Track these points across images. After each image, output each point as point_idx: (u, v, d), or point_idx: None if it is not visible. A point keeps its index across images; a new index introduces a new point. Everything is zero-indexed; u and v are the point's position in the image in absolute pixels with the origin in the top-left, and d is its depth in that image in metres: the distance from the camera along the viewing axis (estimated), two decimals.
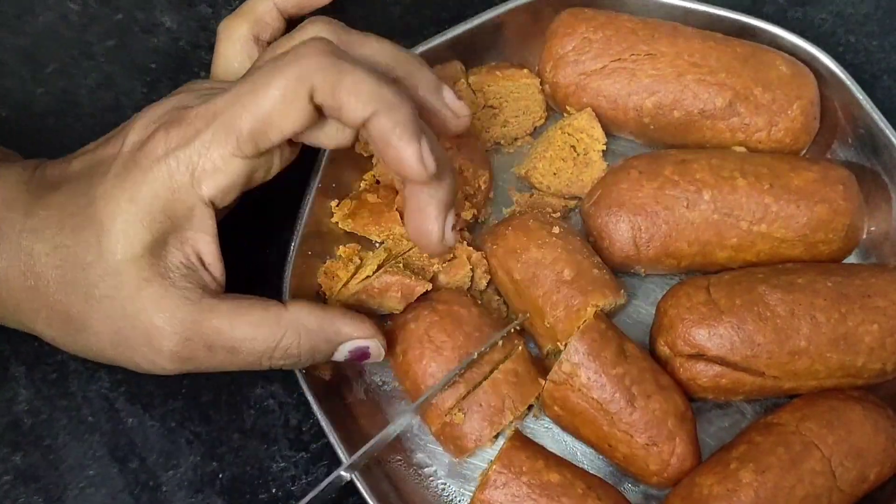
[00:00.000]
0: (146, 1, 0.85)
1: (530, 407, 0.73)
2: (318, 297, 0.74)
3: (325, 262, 0.74)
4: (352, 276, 0.73)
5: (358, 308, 0.71)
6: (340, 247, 0.75)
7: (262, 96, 0.57)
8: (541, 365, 0.73)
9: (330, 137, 0.61)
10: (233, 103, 0.58)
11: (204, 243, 0.61)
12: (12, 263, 0.61)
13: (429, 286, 0.72)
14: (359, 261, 0.74)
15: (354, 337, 0.66)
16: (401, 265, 0.72)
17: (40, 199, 0.62)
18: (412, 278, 0.71)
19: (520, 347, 0.72)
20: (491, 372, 0.71)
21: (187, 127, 0.59)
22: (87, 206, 0.60)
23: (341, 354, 0.66)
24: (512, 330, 0.73)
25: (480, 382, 0.71)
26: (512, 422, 0.71)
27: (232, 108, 0.58)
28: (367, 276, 0.71)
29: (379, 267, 0.71)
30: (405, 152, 0.58)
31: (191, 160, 0.59)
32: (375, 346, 0.67)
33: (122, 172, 0.60)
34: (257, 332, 0.61)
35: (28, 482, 0.72)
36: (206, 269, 0.62)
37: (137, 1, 0.85)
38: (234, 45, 0.72)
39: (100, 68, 0.83)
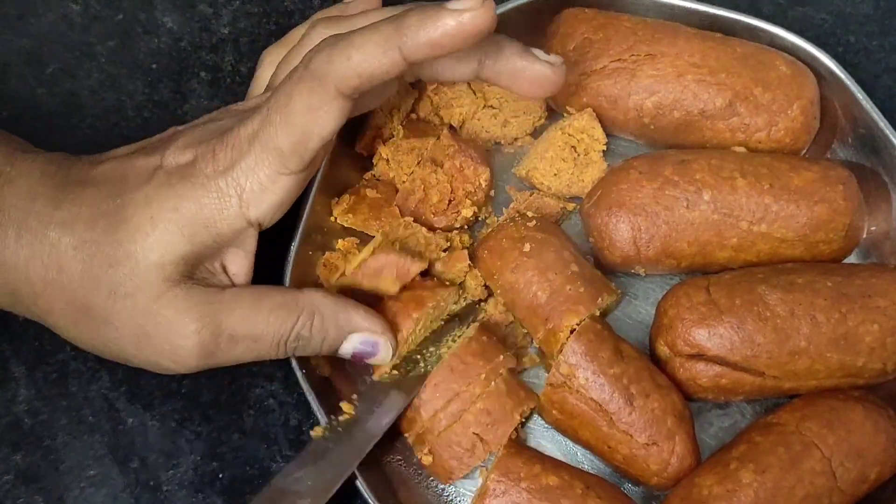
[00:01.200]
0: (147, 1, 0.86)
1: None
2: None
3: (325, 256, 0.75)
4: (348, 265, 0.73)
5: (353, 291, 0.71)
6: (339, 240, 0.75)
7: (291, 110, 0.59)
8: (518, 395, 0.72)
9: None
10: (267, 122, 0.60)
11: (238, 258, 0.64)
12: (35, 254, 0.61)
13: (424, 266, 0.72)
14: (357, 253, 0.74)
15: (365, 328, 0.67)
16: (397, 247, 0.72)
17: (69, 193, 0.62)
18: (407, 259, 0.71)
19: (492, 384, 0.71)
20: (464, 410, 0.70)
21: (231, 150, 0.60)
22: (123, 207, 0.61)
23: (350, 345, 0.67)
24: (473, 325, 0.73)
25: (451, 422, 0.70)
26: (486, 459, 0.71)
27: (268, 126, 0.60)
28: (364, 260, 0.71)
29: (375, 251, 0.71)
30: (536, 68, 0.65)
31: (238, 183, 0.60)
32: (385, 343, 0.68)
33: (167, 183, 0.61)
34: (276, 317, 0.63)
35: (28, 482, 0.73)
36: (230, 277, 0.64)
37: (139, 1, 0.85)
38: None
39: (101, 69, 0.83)
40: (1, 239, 0.61)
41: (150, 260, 0.60)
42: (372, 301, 0.72)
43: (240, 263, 0.64)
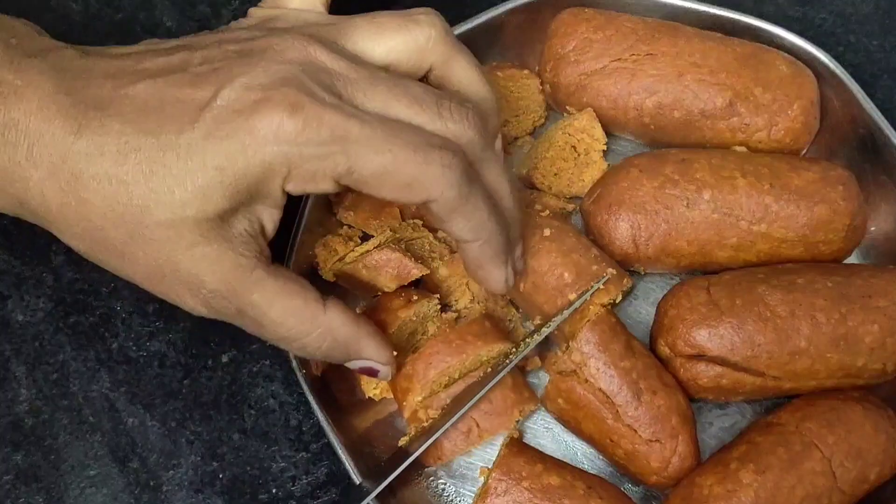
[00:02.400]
0: (147, 1, 0.85)
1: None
2: (313, 270, 0.75)
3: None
4: (350, 251, 0.73)
5: (347, 280, 0.71)
6: (344, 226, 0.75)
7: (398, 163, 0.55)
8: (522, 394, 0.72)
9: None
10: (370, 145, 0.55)
11: (270, 215, 0.59)
12: (51, 178, 0.56)
13: (426, 271, 0.72)
14: (359, 241, 0.74)
15: (373, 359, 0.66)
16: (402, 247, 0.72)
17: (91, 119, 0.55)
18: (411, 261, 0.71)
19: (499, 375, 0.71)
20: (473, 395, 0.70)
21: (309, 128, 0.54)
22: (160, 149, 0.54)
23: (353, 365, 0.66)
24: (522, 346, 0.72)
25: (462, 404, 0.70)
26: (478, 446, 0.71)
27: (366, 150, 0.55)
28: (368, 251, 0.71)
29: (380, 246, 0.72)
30: (494, 275, 0.64)
31: (294, 162, 0.55)
32: (386, 371, 0.67)
33: (215, 133, 0.54)
34: (289, 321, 0.61)
35: (29, 482, 0.73)
36: (265, 236, 0.60)
37: (139, 1, 0.85)
38: None
39: None
40: (9, 153, 0.55)
41: (186, 214, 0.55)
42: (363, 291, 0.72)
43: (271, 222, 0.60)
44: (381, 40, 0.61)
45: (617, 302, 0.75)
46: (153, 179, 0.55)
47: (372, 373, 0.66)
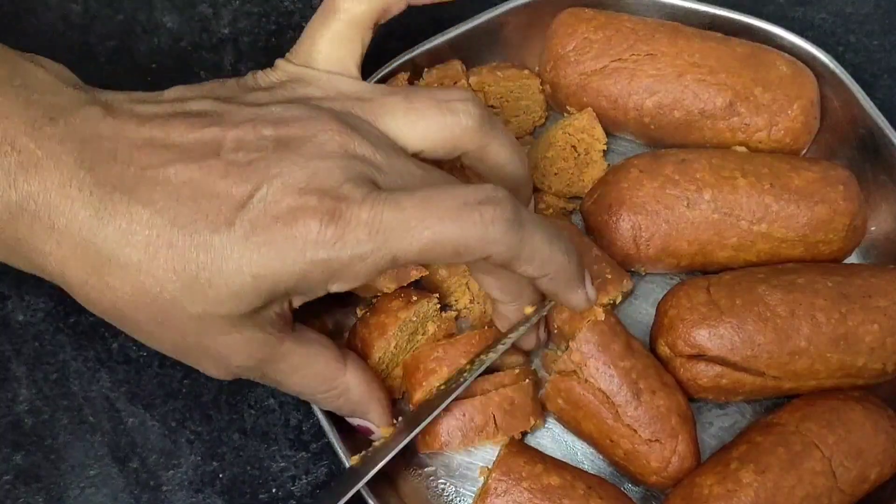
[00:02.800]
0: (147, 1, 0.86)
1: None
2: None
3: None
4: None
5: None
6: None
7: (438, 237, 0.53)
8: (537, 406, 0.73)
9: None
10: (405, 228, 0.53)
11: (301, 300, 0.58)
12: (76, 257, 0.54)
13: (425, 272, 0.72)
14: None
15: (375, 423, 0.68)
16: None
17: (117, 203, 0.53)
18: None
19: (526, 381, 0.71)
20: (489, 390, 0.71)
21: (347, 230, 0.52)
22: (197, 248, 0.52)
23: (353, 422, 0.68)
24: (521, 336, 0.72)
25: (471, 392, 0.70)
26: (484, 444, 0.71)
27: (403, 235, 0.53)
28: None
29: None
30: (573, 300, 0.64)
31: (335, 267, 0.53)
32: (379, 434, 0.68)
33: (252, 238, 0.52)
34: (310, 384, 0.63)
35: (29, 482, 0.73)
36: (293, 309, 0.60)
37: (139, 1, 0.85)
38: (342, 29, 0.63)
39: (101, 69, 0.83)
40: (29, 223, 0.53)
41: (219, 311, 0.54)
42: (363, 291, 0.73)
43: (303, 301, 0.59)
44: (416, 126, 0.60)
45: (617, 303, 0.75)
46: (185, 277, 0.53)
47: (367, 433, 0.68)
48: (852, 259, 0.79)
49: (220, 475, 0.74)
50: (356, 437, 0.71)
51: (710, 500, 0.66)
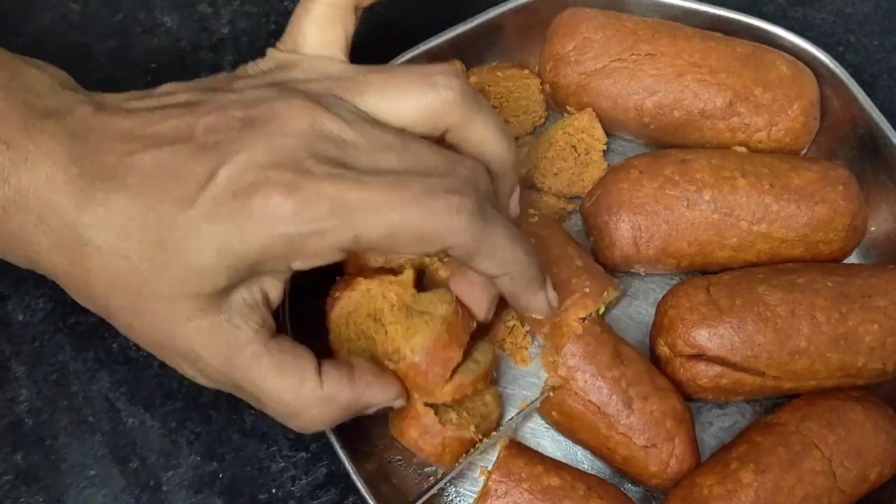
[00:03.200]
0: (147, 1, 0.85)
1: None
2: None
3: None
4: None
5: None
6: None
7: (403, 221, 0.54)
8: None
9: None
10: (371, 209, 0.53)
11: (273, 286, 0.59)
12: (60, 247, 0.56)
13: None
14: None
15: (382, 403, 0.64)
16: None
17: (97, 191, 0.55)
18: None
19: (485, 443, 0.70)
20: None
21: (307, 204, 0.53)
22: (164, 227, 0.54)
23: (367, 413, 0.65)
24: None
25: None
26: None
27: (367, 216, 0.53)
28: None
29: None
30: (533, 304, 0.63)
31: (296, 242, 0.54)
32: (399, 403, 0.65)
33: (215, 214, 0.53)
34: (285, 398, 0.60)
35: (29, 482, 0.73)
36: (269, 305, 0.59)
37: (138, 1, 0.85)
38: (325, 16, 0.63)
39: (100, 69, 0.83)
40: (21, 218, 0.56)
41: (184, 290, 0.55)
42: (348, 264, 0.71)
43: (278, 290, 0.59)
44: (396, 102, 0.60)
45: (601, 312, 0.74)
46: (152, 256, 0.54)
47: (386, 411, 0.65)
48: (852, 259, 0.79)
49: (220, 475, 0.74)
50: (355, 437, 0.71)
51: (710, 500, 0.66)
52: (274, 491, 0.73)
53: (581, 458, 0.74)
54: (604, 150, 0.79)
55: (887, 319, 0.70)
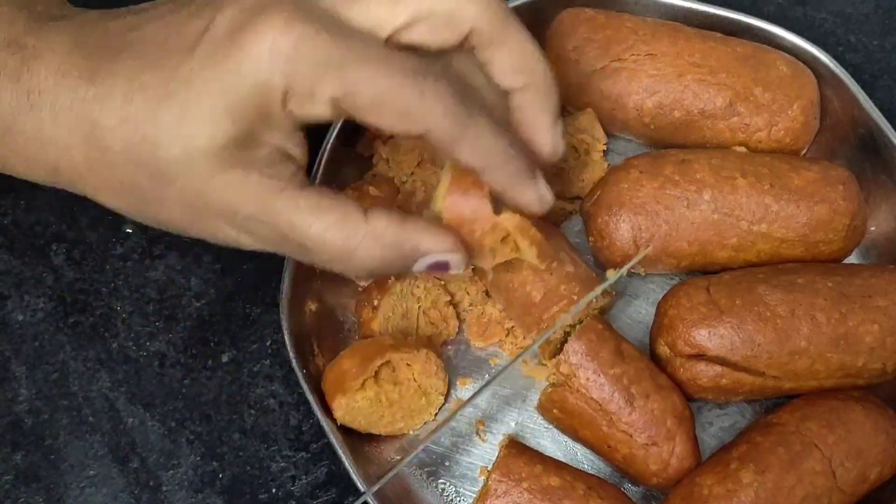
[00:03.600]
0: (146, 1, 0.85)
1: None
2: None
3: None
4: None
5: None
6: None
7: (393, 90, 0.54)
8: None
9: None
10: (363, 64, 0.53)
11: (290, 141, 0.57)
12: (75, 133, 0.56)
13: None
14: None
15: (434, 251, 0.60)
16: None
17: (104, 63, 0.56)
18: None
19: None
20: None
21: (303, 45, 0.53)
22: (165, 82, 0.54)
23: (419, 268, 0.61)
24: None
25: None
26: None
27: (360, 74, 0.53)
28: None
29: None
30: (523, 198, 0.60)
31: (290, 78, 0.53)
32: (456, 260, 0.61)
33: (214, 56, 0.53)
34: (331, 237, 0.58)
35: (29, 482, 0.73)
36: (296, 162, 0.58)
37: (138, 1, 0.85)
38: None
39: None
40: (35, 118, 0.56)
41: (197, 145, 0.54)
42: None
43: (298, 146, 0.58)
44: (400, 5, 0.57)
45: (606, 308, 0.74)
46: (159, 111, 0.54)
47: (443, 267, 0.61)
48: (852, 259, 0.79)
49: (220, 475, 0.74)
50: (355, 437, 0.71)
51: (710, 499, 0.66)
52: (274, 491, 0.73)
53: (581, 457, 0.74)
54: (604, 150, 0.79)
55: (887, 319, 0.70)
